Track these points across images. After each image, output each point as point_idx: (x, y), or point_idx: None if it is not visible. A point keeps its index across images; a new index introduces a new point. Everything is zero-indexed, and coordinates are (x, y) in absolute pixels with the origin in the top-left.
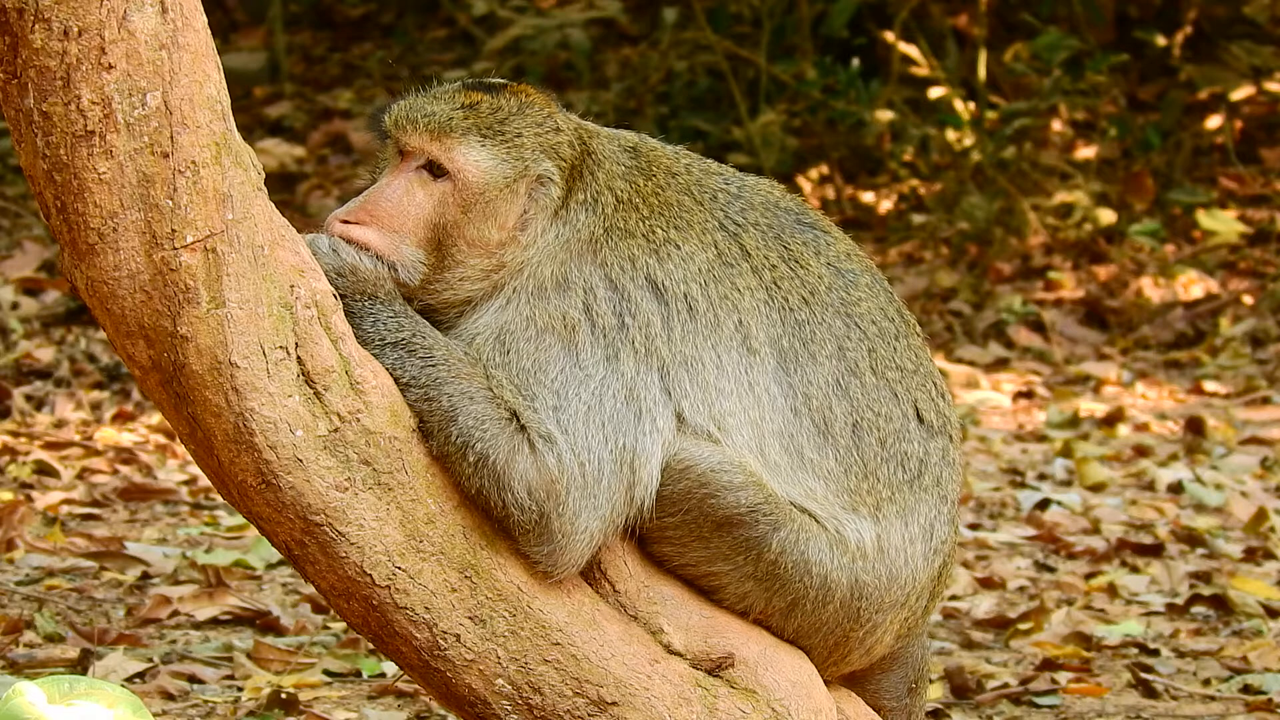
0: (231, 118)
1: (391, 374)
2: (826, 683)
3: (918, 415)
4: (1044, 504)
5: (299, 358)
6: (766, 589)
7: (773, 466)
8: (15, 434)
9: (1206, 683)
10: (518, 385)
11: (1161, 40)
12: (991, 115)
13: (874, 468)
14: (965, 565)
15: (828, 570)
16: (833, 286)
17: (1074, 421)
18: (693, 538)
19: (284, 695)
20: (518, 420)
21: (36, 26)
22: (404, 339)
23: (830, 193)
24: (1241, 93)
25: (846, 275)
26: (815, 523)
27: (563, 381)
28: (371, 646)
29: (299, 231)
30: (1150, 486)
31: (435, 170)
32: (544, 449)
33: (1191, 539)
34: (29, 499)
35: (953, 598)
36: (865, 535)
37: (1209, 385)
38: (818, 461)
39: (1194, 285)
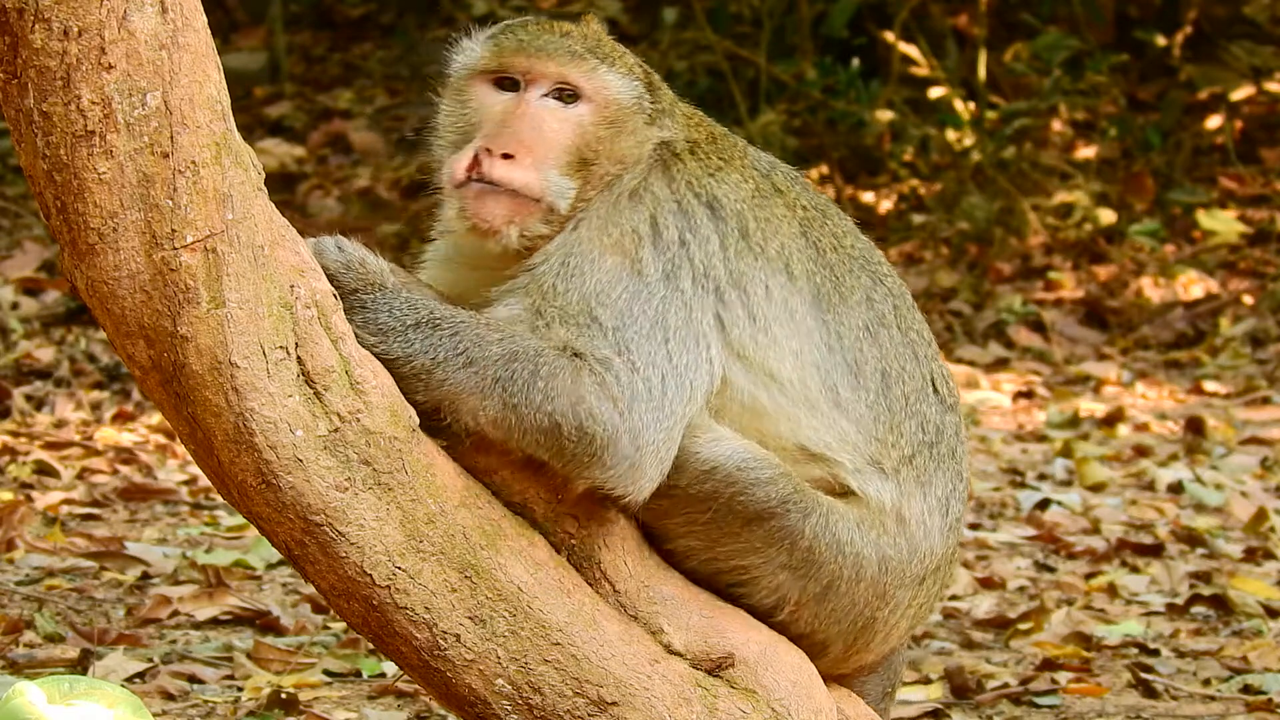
0: (231, 118)
1: (423, 356)
2: (826, 682)
3: (933, 385)
4: (1044, 504)
5: (299, 358)
6: (801, 576)
7: (811, 402)
8: (15, 434)
9: (1206, 683)
10: (577, 310)
11: (1161, 40)
12: (991, 115)
13: (899, 420)
14: (965, 565)
15: (859, 548)
16: (856, 243)
17: (1074, 421)
18: (723, 534)
19: (284, 695)
20: (572, 349)
21: (36, 26)
22: (425, 318)
23: (830, 193)
24: (1241, 93)
25: (865, 239)
26: (841, 499)
27: (627, 299)
28: (371, 646)
29: (302, 235)
30: (1150, 486)
31: (566, 96)
32: (604, 371)
33: (1191, 539)
34: (29, 499)
35: (953, 598)
36: (887, 498)
37: (1209, 385)
38: (851, 403)
39: (1194, 285)
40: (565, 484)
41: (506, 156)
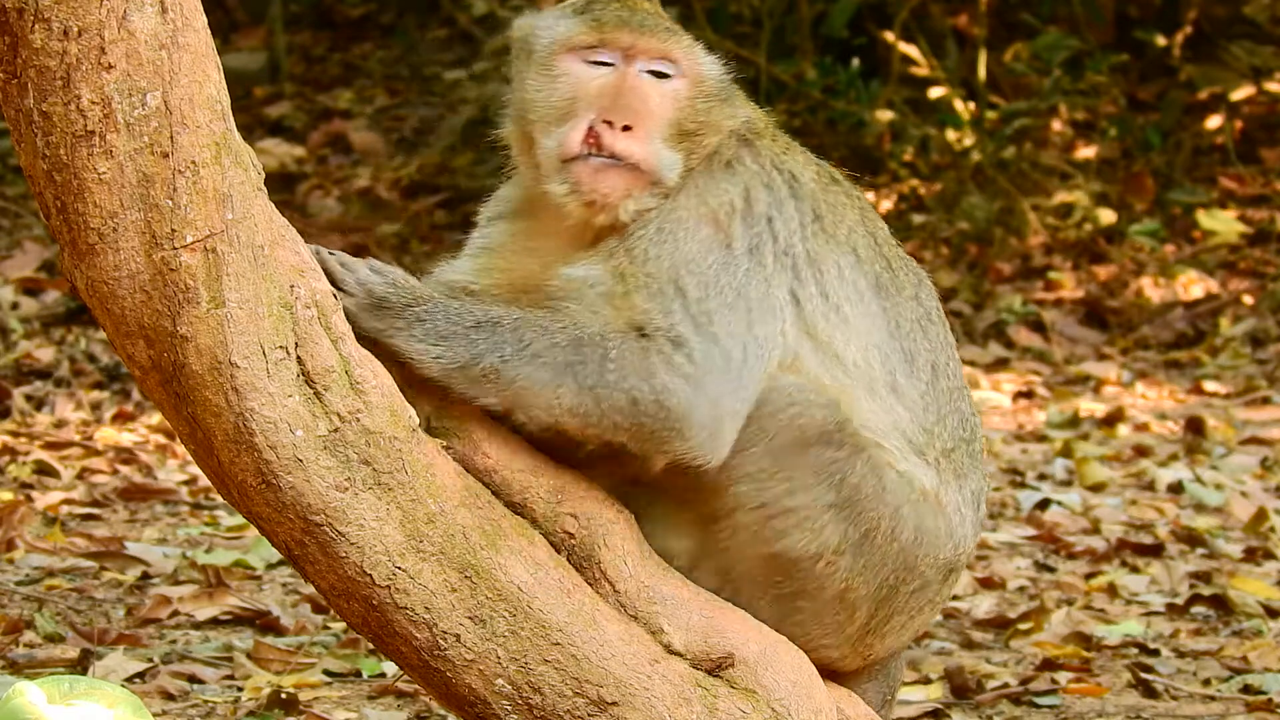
0: (231, 118)
1: (491, 355)
2: (826, 683)
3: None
4: (1044, 504)
5: (299, 358)
6: (845, 519)
7: (871, 384)
8: (15, 434)
9: (1206, 683)
10: (665, 278)
11: (1161, 40)
12: (991, 115)
13: (945, 413)
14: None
15: (900, 503)
16: (896, 241)
17: (1074, 421)
18: (776, 468)
19: (284, 695)
20: (639, 328)
21: (36, 26)
22: (483, 318)
23: None
24: (1241, 93)
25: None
26: (888, 456)
27: (715, 270)
28: (371, 646)
29: (302, 235)
30: (1150, 486)
31: (662, 72)
32: (673, 351)
33: (1191, 539)
34: (29, 499)
35: (953, 598)
36: (928, 482)
37: (1209, 385)
38: (905, 390)
39: (1194, 285)
40: (644, 462)
41: (626, 129)
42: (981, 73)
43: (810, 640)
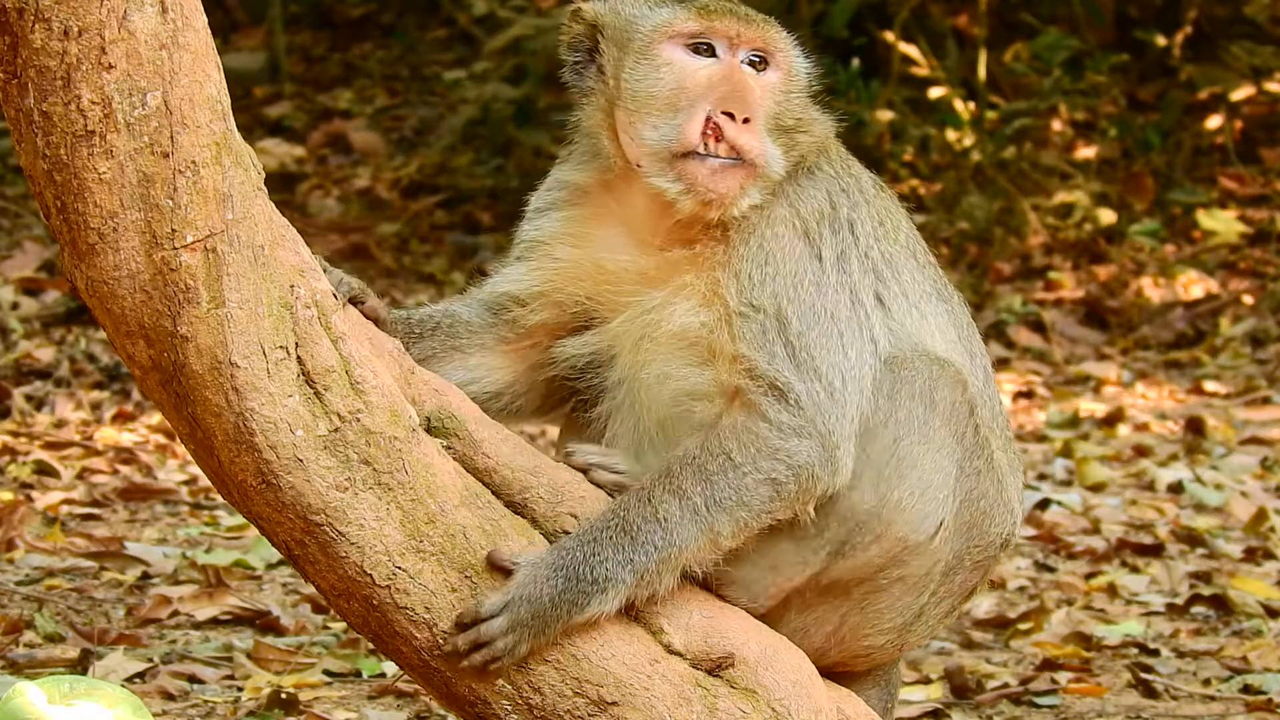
0: (231, 118)
1: (646, 557)
2: (826, 682)
3: None
4: (1044, 504)
5: (299, 357)
6: (960, 489)
7: None
8: (15, 434)
9: (1206, 683)
10: (770, 309)
11: (1161, 40)
12: (991, 115)
13: (997, 411)
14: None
15: (992, 450)
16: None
17: (1074, 421)
18: (919, 436)
19: (284, 695)
20: (745, 395)
21: (36, 26)
22: (613, 527)
23: None
24: (1241, 93)
25: None
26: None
27: (812, 294)
28: (371, 646)
29: (302, 235)
30: (1150, 486)
31: (758, 63)
32: (778, 409)
33: (1191, 539)
34: (29, 499)
35: None
36: (1004, 463)
37: (1209, 385)
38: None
39: (1194, 285)
40: (795, 518)
41: (745, 121)
42: (981, 73)
43: (866, 631)
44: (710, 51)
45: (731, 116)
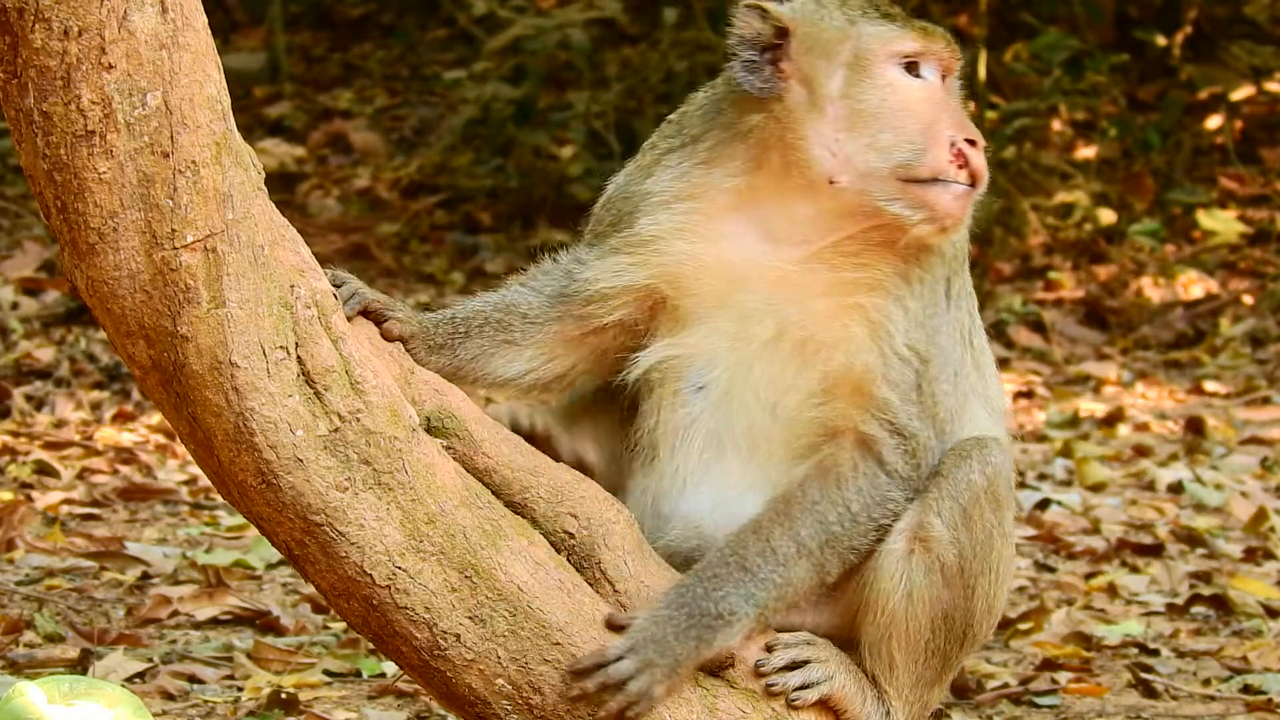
0: (231, 118)
1: (766, 595)
2: None
3: None
4: (1044, 504)
5: (299, 357)
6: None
7: (995, 416)
8: (15, 434)
9: (1206, 683)
10: (922, 348)
11: (1161, 40)
12: (991, 115)
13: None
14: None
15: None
16: None
17: (1074, 421)
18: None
19: (284, 695)
20: (871, 439)
21: (36, 26)
22: (731, 562)
23: None
24: (1241, 93)
25: None
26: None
27: (943, 336)
28: (371, 646)
29: (301, 235)
30: (1150, 486)
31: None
32: (900, 454)
33: (1191, 539)
34: (29, 499)
35: None
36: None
37: (1209, 385)
38: (1000, 417)
39: (1194, 285)
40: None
41: (975, 146)
42: (981, 73)
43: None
44: (916, 71)
45: (972, 143)
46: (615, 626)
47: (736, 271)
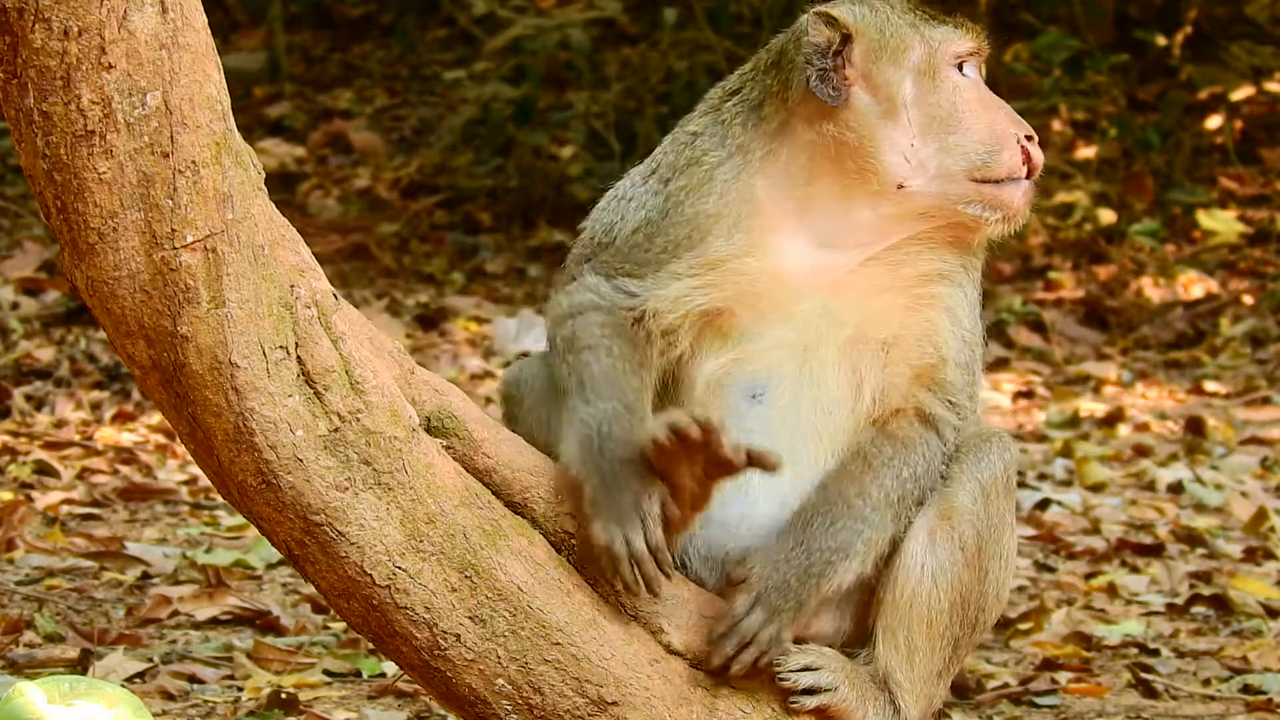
0: (231, 118)
1: (854, 558)
2: None
3: None
4: (1044, 504)
5: (299, 357)
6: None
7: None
8: (15, 434)
9: (1206, 683)
10: (969, 356)
11: (1161, 40)
12: None
13: None
14: None
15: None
16: None
17: (1074, 421)
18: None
19: (284, 695)
20: (931, 417)
21: (36, 26)
22: (806, 572)
23: None
24: (1241, 93)
25: None
26: None
27: (977, 333)
28: (371, 646)
29: (302, 235)
30: (1150, 486)
31: None
32: (950, 439)
33: (1191, 539)
34: (29, 499)
35: None
36: None
37: (1209, 385)
38: None
39: (1194, 285)
40: None
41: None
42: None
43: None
44: (963, 70)
45: (1029, 138)
46: (736, 581)
47: (795, 281)
